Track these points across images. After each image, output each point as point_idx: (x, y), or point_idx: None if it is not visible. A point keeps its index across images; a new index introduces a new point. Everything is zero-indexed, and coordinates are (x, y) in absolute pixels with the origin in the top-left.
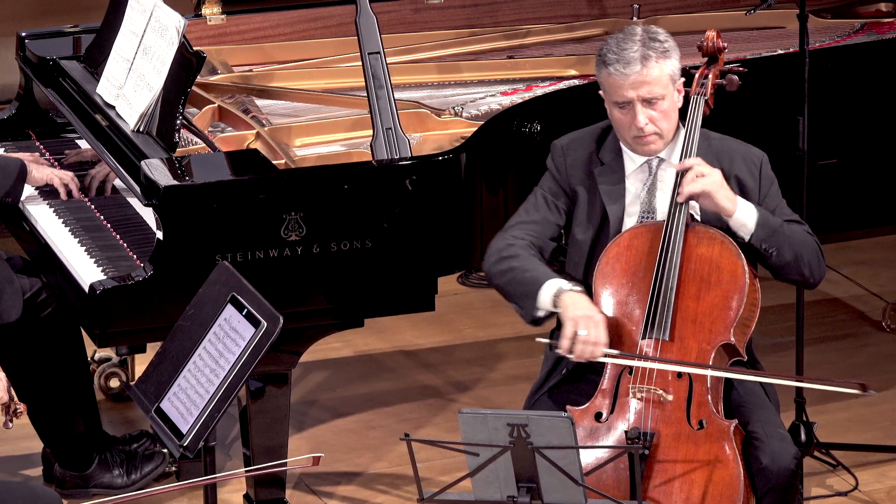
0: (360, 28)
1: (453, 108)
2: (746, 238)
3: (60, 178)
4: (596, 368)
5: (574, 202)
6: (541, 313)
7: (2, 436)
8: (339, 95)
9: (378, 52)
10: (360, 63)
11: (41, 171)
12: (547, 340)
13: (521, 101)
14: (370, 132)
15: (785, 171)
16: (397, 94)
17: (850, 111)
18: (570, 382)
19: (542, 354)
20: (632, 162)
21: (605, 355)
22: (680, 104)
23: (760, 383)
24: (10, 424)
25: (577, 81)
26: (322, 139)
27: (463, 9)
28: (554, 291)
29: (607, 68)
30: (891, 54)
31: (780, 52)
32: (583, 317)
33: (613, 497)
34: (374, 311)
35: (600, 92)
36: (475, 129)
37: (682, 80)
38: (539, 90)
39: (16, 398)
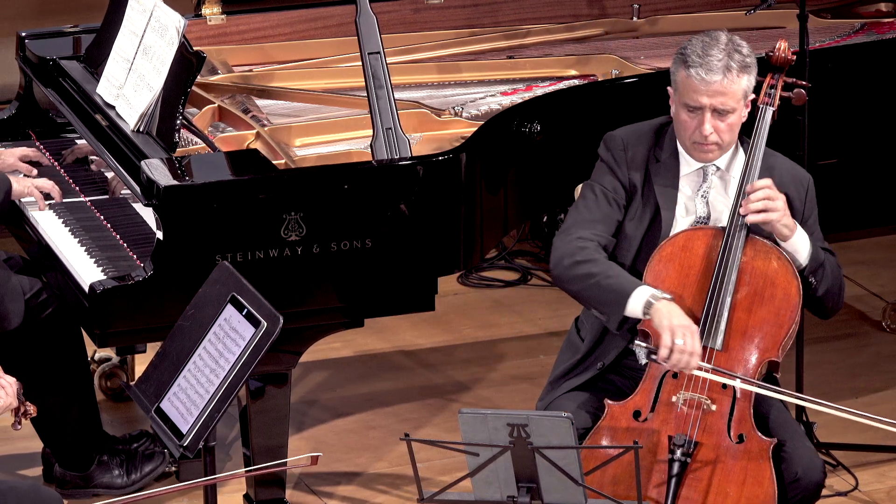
0: (360, 28)
1: (453, 108)
2: (797, 267)
3: (40, 187)
4: (625, 370)
5: (632, 196)
6: (627, 319)
7: (2, 436)
8: (339, 95)
9: (378, 52)
10: (360, 63)
11: (21, 182)
12: (644, 346)
13: (521, 101)
14: (370, 132)
15: None
16: (397, 94)
17: (850, 111)
18: (593, 382)
19: (542, 355)
20: (687, 165)
21: (700, 368)
22: (745, 119)
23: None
24: (19, 426)
25: (577, 81)
26: (322, 139)
27: (463, 9)
28: (646, 300)
29: (688, 70)
30: (891, 54)
31: None
32: (680, 326)
33: (613, 497)
34: (374, 311)
35: (669, 88)
36: (475, 129)
37: (753, 96)
38: (539, 90)
39: (26, 401)
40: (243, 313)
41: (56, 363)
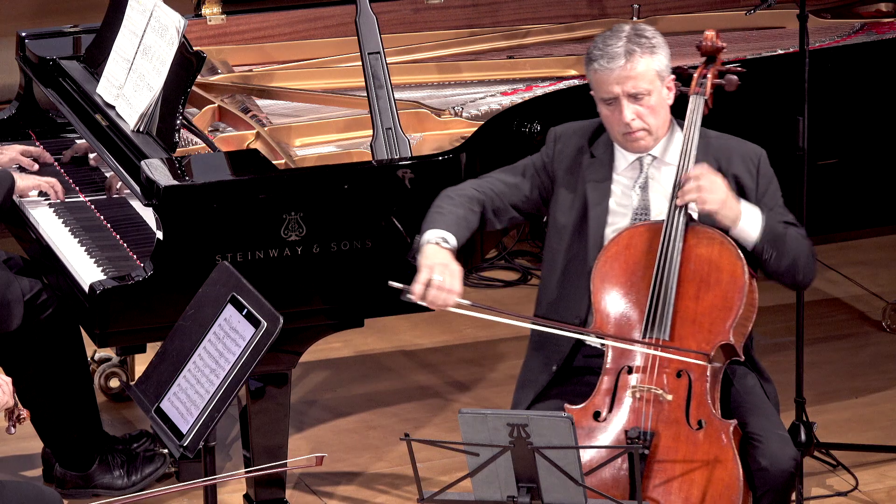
0: (360, 28)
1: (453, 108)
2: (749, 246)
3: (50, 182)
4: (593, 369)
5: (553, 188)
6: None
7: (2, 436)
8: (339, 95)
9: (378, 52)
10: (360, 63)
11: (26, 180)
12: (399, 285)
13: (521, 101)
14: (370, 132)
15: (785, 171)
16: (397, 94)
17: (850, 111)
18: (562, 384)
19: None
20: (623, 159)
21: (458, 305)
22: (671, 101)
23: (761, 384)
24: (13, 430)
25: (577, 81)
26: (322, 139)
27: (463, 9)
28: (426, 238)
29: (592, 64)
30: (891, 54)
31: (780, 52)
32: (439, 264)
33: (614, 497)
34: (375, 311)
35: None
36: (475, 129)
37: (673, 77)
38: (539, 90)
39: (20, 404)
40: (243, 313)
41: (56, 364)
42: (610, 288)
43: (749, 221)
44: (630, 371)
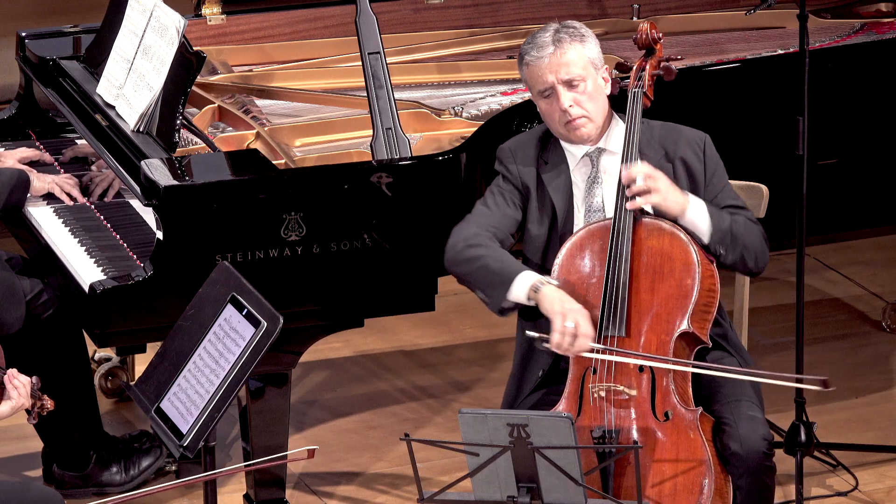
0: (360, 28)
1: (453, 108)
2: (703, 240)
3: (61, 185)
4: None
5: (527, 199)
6: (508, 304)
7: (2, 436)
8: (339, 95)
9: (378, 52)
10: (360, 63)
11: (42, 179)
12: (537, 335)
13: (521, 101)
14: (370, 132)
15: (785, 171)
16: (397, 94)
17: (850, 111)
18: (538, 389)
19: None
20: (573, 157)
21: (593, 350)
22: (608, 91)
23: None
24: (34, 420)
25: None
26: (322, 139)
27: (463, 9)
28: (530, 285)
29: (524, 59)
30: (891, 54)
31: (780, 52)
32: (571, 310)
33: (614, 497)
34: (375, 311)
35: (528, 95)
36: (475, 129)
37: (606, 66)
38: None
39: (43, 396)
40: (243, 313)
41: (57, 364)
42: (568, 290)
43: (695, 216)
44: (595, 371)
